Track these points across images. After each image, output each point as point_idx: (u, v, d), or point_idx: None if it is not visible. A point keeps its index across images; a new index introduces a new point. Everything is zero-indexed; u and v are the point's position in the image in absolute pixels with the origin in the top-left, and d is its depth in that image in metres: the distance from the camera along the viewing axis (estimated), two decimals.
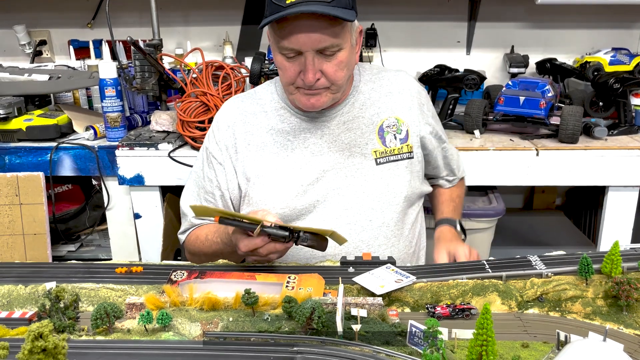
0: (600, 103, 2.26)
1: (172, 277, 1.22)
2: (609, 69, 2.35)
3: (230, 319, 1.08)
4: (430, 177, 1.73)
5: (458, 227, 1.65)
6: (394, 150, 1.53)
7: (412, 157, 1.55)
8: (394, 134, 1.53)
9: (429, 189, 1.66)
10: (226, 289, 1.15)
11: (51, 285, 1.21)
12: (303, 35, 1.31)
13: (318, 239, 1.23)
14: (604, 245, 2.14)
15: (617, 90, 2.15)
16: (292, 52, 1.35)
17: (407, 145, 1.54)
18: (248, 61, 2.30)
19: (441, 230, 1.62)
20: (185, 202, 1.59)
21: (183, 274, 1.23)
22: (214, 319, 1.08)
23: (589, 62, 2.41)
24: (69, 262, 1.42)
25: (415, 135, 1.56)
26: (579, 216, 2.81)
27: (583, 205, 2.77)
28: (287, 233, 1.20)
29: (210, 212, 1.28)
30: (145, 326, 1.04)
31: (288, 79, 1.41)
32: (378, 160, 1.52)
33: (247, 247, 1.22)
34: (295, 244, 1.22)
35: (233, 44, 2.70)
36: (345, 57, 1.38)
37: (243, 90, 2.17)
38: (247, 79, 2.19)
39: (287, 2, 1.28)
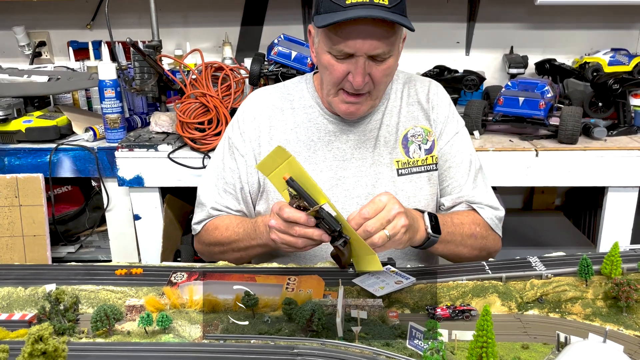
0: (600, 103, 2.26)
1: (172, 278, 1.22)
2: (608, 69, 2.36)
3: (231, 321, 1.08)
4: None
5: (427, 219, 1.34)
6: (417, 161, 1.50)
7: (436, 170, 1.51)
8: (419, 144, 1.50)
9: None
10: (226, 290, 1.16)
11: (51, 287, 1.21)
12: (359, 41, 1.29)
13: (349, 253, 1.20)
14: (604, 245, 2.14)
15: (616, 91, 2.15)
16: (344, 54, 1.33)
17: (432, 157, 1.51)
18: (247, 62, 2.30)
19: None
20: (204, 192, 1.56)
21: (183, 275, 1.23)
22: (213, 321, 1.08)
23: (588, 62, 2.42)
24: (68, 264, 1.42)
25: (440, 148, 1.52)
26: (579, 217, 2.81)
27: (583, 205, 2.77)
28: (338, 228, 1.15)
29: (280, 164, 1.12)
30: (145, 328, 1.04)
31: (335, 79, 1.37)
32: (400, 171, 1.49)
33: (289, 216, 1.16)
34: (330, 242, 1.19)
35: (232, 44, 2.70)
36: (392, 63, 1.36)
37: (242, 92, 2.17)
38: (247, 80, 2.19)
39: (347, 1, 1.25)
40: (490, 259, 1.35)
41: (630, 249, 1.40)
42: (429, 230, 1.31)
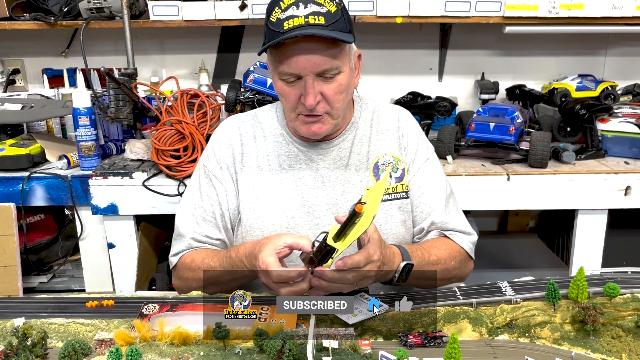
0: (568, 128, 2.32)
1: (143, 310, 1.21)
2: (575, 94, 2.43)
3: (202, 354, 1.07)
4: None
5: (400, 269, 1.29)
6: (387, 189, 1.50)
7: (407, 197, 1.52)
8: (390, 173, 1.51)
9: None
10: (198, 322, 1.15)
11: (19, 321, 1.19)
12: (302, 59, 1.32)
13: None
14: (576, 267, 2.17)
15: (584, 116, 2.22)
16: (292, 76, 1.35)
17: (403, 185, 1.51)
18: (224, 89, 2.32)
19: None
20: (182, 223, 1.53)
21: (154, 307, 1.22)
22: (184, 353, 1.07)
23: (557, 88, 2.49)
24: (38, 296, 1.40)
25: (412, 175, 1.53)
26: (553, 239, 2.85)
27: (556, 227, 2.82)
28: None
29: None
30: None
31: (291, 104, 1.40)
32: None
33: (279, 276, 1.18)
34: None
35: (209, 71, 2.72)
36: (345, 80, 1.38)
37: (219, 119, 2.18)
38: (223, 107, 2.21)
39: (285, 27, 1.29)
40: (461, 284, 1.37)
41: (601, 273, 1.42)
42: (395, 280, 1.31)
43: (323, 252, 1.15)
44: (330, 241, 1.12)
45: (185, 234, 1.51)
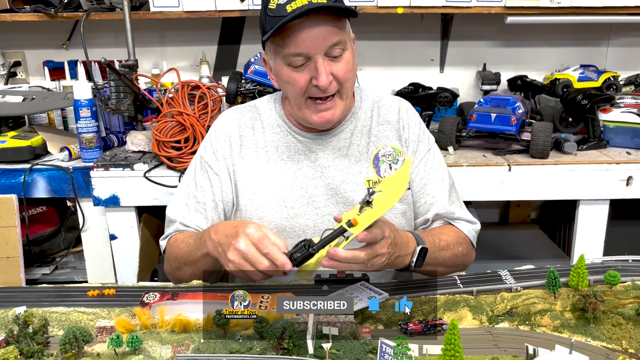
0: (570, 119, 2.31)
1: (144, 299, 1.21)
2: (577, 85, 2.42)
3: (202, 341, 1.08)
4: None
5: (416, 253, 1.30)
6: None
7: (408, 189, 1.52)
8: (390, 164, 1.51)
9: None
10: (198, 310, 1.15)
11: (21, 310, 1.20)
12: (310, 36, 1.31)
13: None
14: (577, 257, 2.18)
15: (586, 107, 2.21)
16: (301, 58, 1.34)
17: None
18: (225, 81, 2.31)
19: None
20: (174, 211, 1.54)
21: (155, 295, 1.22)
22: (185, 340, 1.07)
23: (559, 78, 2.48)
24: (40, 285, 1.40)
25: (414, 167, 1.53)
26: (554, 229, 2.85)
27: (557, 218, 2.82)
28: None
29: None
30: (115, 350, 1.03)
31: (299, 90, 1.38)
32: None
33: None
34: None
35: (210, 63, 2.72)
36: (350, 57, 1.38)
37: (220, 110, 2.18)
38: (224, 99, 2.21)
39: (288, 11, 1.29)
40: (461, 273, 1.37)
41: (603, 261, 1.42)
42: (412, 265, 1.30)
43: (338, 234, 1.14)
44: (345, 226, 1.13)
45: (176, 219, 1.52)
